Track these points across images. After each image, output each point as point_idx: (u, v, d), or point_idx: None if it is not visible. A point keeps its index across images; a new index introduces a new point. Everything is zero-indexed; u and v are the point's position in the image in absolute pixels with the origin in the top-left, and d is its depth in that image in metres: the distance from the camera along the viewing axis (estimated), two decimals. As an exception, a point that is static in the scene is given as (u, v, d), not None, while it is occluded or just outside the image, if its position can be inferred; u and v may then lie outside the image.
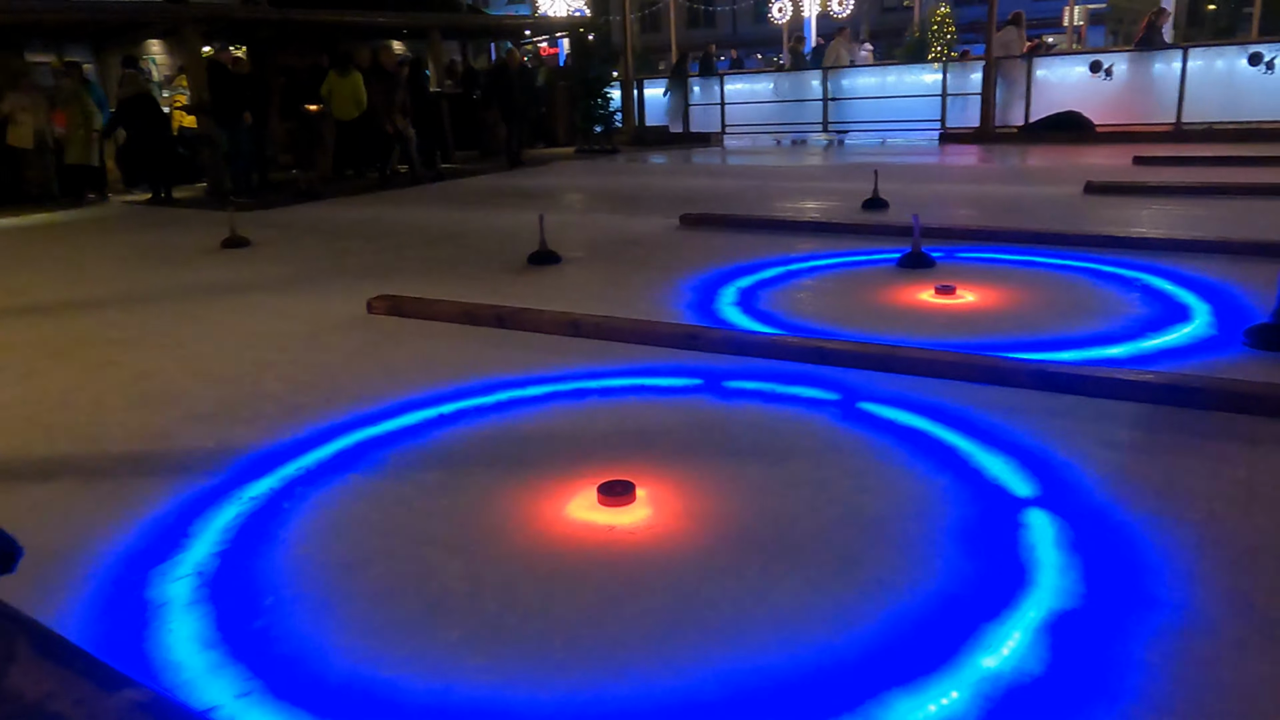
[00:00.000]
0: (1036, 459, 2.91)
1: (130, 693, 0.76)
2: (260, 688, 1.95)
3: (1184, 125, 12.86)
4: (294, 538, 2.62)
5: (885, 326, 4.46)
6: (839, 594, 2.20)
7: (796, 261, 6.09)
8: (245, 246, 7.83)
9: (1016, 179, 10.45)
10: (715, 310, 4.98)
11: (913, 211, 5.92)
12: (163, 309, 5.74)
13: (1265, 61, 12.37)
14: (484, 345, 4.52)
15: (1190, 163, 9.91)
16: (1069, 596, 2.14)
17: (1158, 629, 2.01)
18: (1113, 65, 13.63)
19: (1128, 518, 2.51)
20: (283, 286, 6.25)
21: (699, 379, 3.84)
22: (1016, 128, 13.98)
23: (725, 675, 1.91)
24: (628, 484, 2.71)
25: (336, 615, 2.22)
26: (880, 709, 1.79)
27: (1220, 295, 4.69)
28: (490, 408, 3.62)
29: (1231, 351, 3.87)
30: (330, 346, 4.68)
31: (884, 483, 2.81)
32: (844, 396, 3.54)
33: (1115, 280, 5.15)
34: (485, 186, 11.90)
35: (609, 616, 2.16)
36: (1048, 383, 3.51)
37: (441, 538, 2.58)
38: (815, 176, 11.98)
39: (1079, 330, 4.27)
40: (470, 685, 1.93)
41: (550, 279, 6.08)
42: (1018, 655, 1.94)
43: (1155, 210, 7.42)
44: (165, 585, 2.39)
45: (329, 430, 3.43)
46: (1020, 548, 2.38)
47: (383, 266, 6.76)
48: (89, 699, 0.76)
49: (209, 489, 2.96)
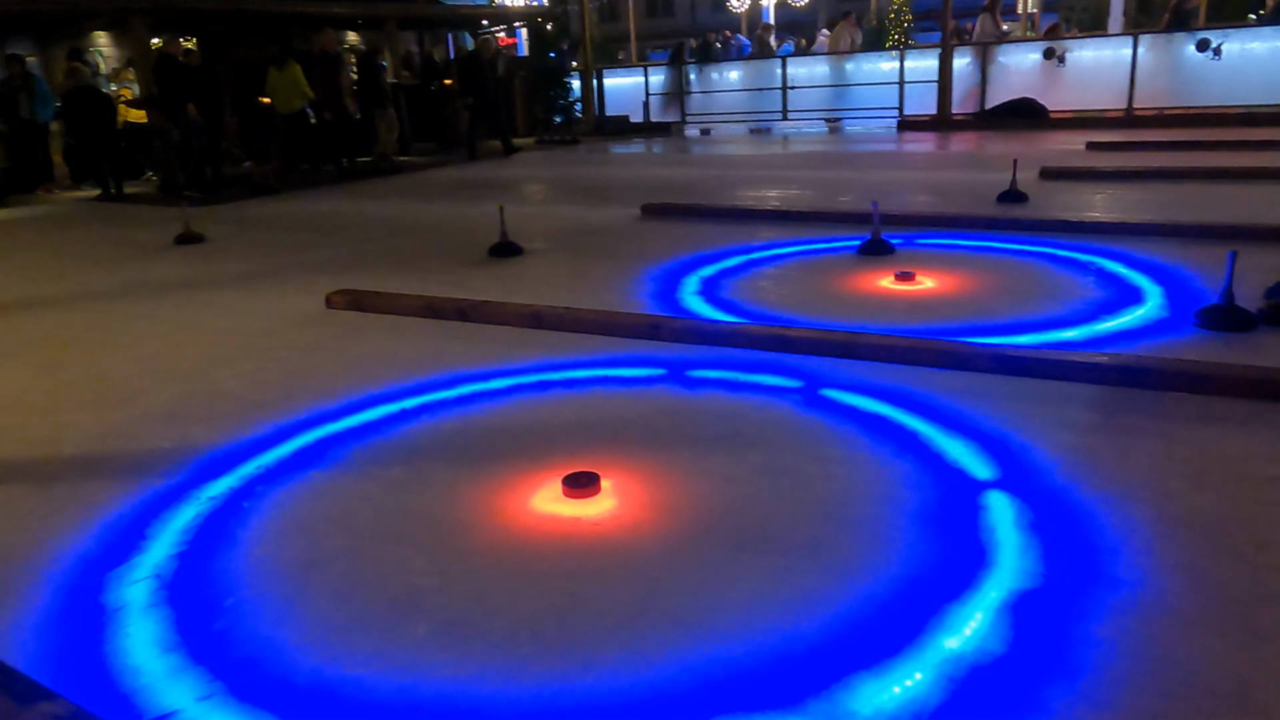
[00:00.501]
0: (996, 442, 2.95)
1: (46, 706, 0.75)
2: (222, 690, 1.92)
3: (1135, 111, 13.09)
4: (254, 537, 2.58)
5: (847, 313, 4.50)
6: (804, 580, 2.22)
7: (758, 250, 6.11)
8: (199, 242, 7.69)
9: (973, 165, 10.57)
10: (678, 300, 4.99)
11: (872, 199, 5.97)
12: (115, 307, 5.62)
13: (1212, 48, 12.61)
14: (446, 338, 4.49)
15: (1142, 148, 10.10)
16: (1028, 576, 2.18)
17: (1114, 606, 2.05)
18: (1066, 52, 13.82)
19: (1085, 498, 2.55)
20: (239, 282, 6.15)
21: (662, 369, 3.84)
22: (973, 114, 14.14)
23: (692, 664, 1.92)
24: (592, 475, 2.71)
25: (299, 614, 2.19)
26: (845, 693, 1.81)
27: (1171, 278, 4.79)
28: (453, 401, 3.59)
29: (1183, 332, 3.95)
30: (289, 343, 4.61)
31: (847, 469, 2.84)
32: (807, 384, 3.56)
33: (1070, 264, 5.23)
34: (445, 178, 11.80)
35: (575, 609, 2.15)
36: (1006, 366, 3.56)
37: (405, 533, 2.56)
38: (774, 165, 12.03)
39: (1036, 314, 4.33)
40: (437, 681, 1.91)
41: (512, 271, 6.04)
42: (979, 635, 1.97)
43: (1108, 195, 7.54)
44: (123, 588, 2.34)
45: (289, 428, 3.39)
46: (981, 529, 2.42)
47: (341, 261, 6.68)
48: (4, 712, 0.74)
49: (166, 490, 2.91)
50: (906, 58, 15.06)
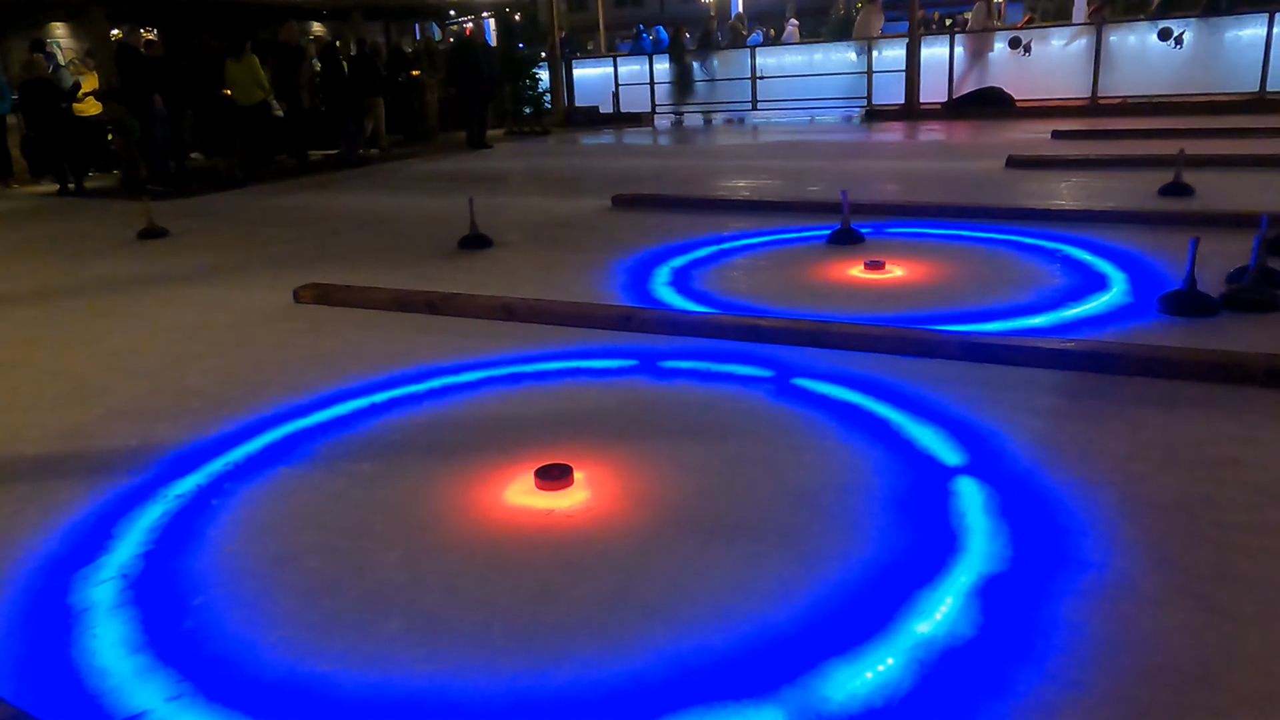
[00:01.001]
0: (965, 428, 2.98)
1: None
2: (191, 690, 1.90)
3: (1099, 99, 13.25)
4: (223, 535, 2.55)
5: (817, 302, 4.52)
6: (777, 568, 2.23)
7: (728, 240, 6.12)
8: (163, 237, 7.57)
9: (941, 154, 10.66)
10: (649, 291, 4.98)
11: (841, 188, 5.99)
12: (78, 304, 5.53)
13: (1174, 36, 12.79)
14: (416, 332, 4.45)
15: (1106, 136, 10.22)
16: (998, 560, 2.21)
17: (1081, 588, 2.08)
18: (1032, 41, 13.95)
19: (1052, 482, 2.59)
20: (204, 277, 6.06)
21: (634, 360, 3.84)
22: (940, 104, 14.24)
23: (667, 654, 1.93)
24: (565, 467, 2.70)
25: (270, 612, 2.17)
26: (819, 680, 1.82)
27: (1136, 264, 4.86)
28: (423, 395, 3.57)
29: (1147, 318, 4.01)
30: (256, 338, 4.56)
31: (819, 457, 2.85)
32: (778, 373, 3.57)
33: (1037, 252, 5.29)
34: (415, 171, 11.69)
35: (549, 601, 2.15)
36: (974, 353, 3.60)
37: (377, 528, 2.54)
38: (744, 155, 12.05)
39: (1003, 302, 4.37)
40: (411, 676, 1.90)
41: (482, 263, 6.01)
42: (950, 619, 1.99)
43: (1074, 183, 7.63)
44: (89, 589, 2.31)
45: (257, 424, 3.35)
46: (951, 515, 2.44)
47: (309, 254, 6.61)
48: None
49: (132, 488, 2.86)
50: (874, 48, 15.13)
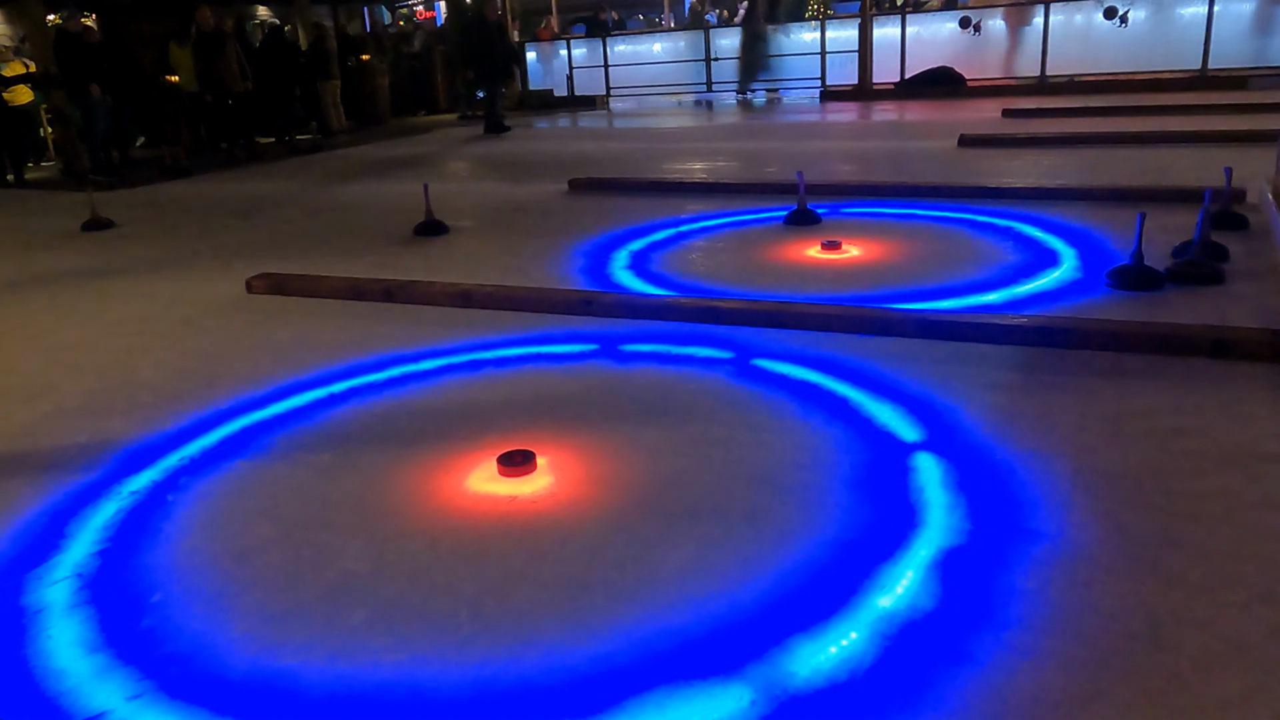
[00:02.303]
0: (922, 404, 3.02)
1: None
2: (152, 688, 1.87)
3: (1048, 78, 13.44)
4: (180, 531, 2.51)
5: (775, 283, 4.54)
6: (741, 547, 2.25)
7: (686, 223, 6.13)
8: (109, 228, 7.38)
9: (894, 134, 10.75)
10: (608, 274, 4.98)
11: (797, 169, 6.02)
12: (20, 297, 5.38)
13: (1119, 15, 13.00)
14: (372, 320, 4.40)
15: (1054, 114, 10.38)
16: (956, 534, 2.25)
17: (1036, 558, 2.13)
18: (981, 21, 14.09)
19: (1007, 455, 2.64)
20: (153, 269, 5.93)
21: (594, 344, 3.84)
22: (893, 84, 14.34)
23: (634, 636, 1.94)
24: (528, 453, 2.70)
25: (231, 607, 2.14)
26: (784, 656, 1.84)
27: (1085, 240, 4.95)
28: (382, 384, 3.54)
29: (1096, 293, 4.10)
30: (209, 330, 4.47)
31: (779, 436, 2.88)
32: (738, 354, 3.59)
33: (989, 230, 5.37)
34: (365, 157, 11.52)
35: (515, 587, 2.15)
36: (929, 331, 3.65)
37: (338, 520, 2.52)
38: (699, 137, 12.04)
39: (957, 279, 4.44)
40: (376, 667, 1.89)
41: (439, 250, 5.95)
42: (910, 593, 2.02)
43: (1024, 161, 7.75)
44: (43, 589, 2.26)
45: (212, 417, 3.29)
46: (910, 490, 2.48)
47: (261, 244, 6.49)
48: None
49: (85, 486, 2.80)
50: (828, 28, 15.18)
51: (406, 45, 17.44)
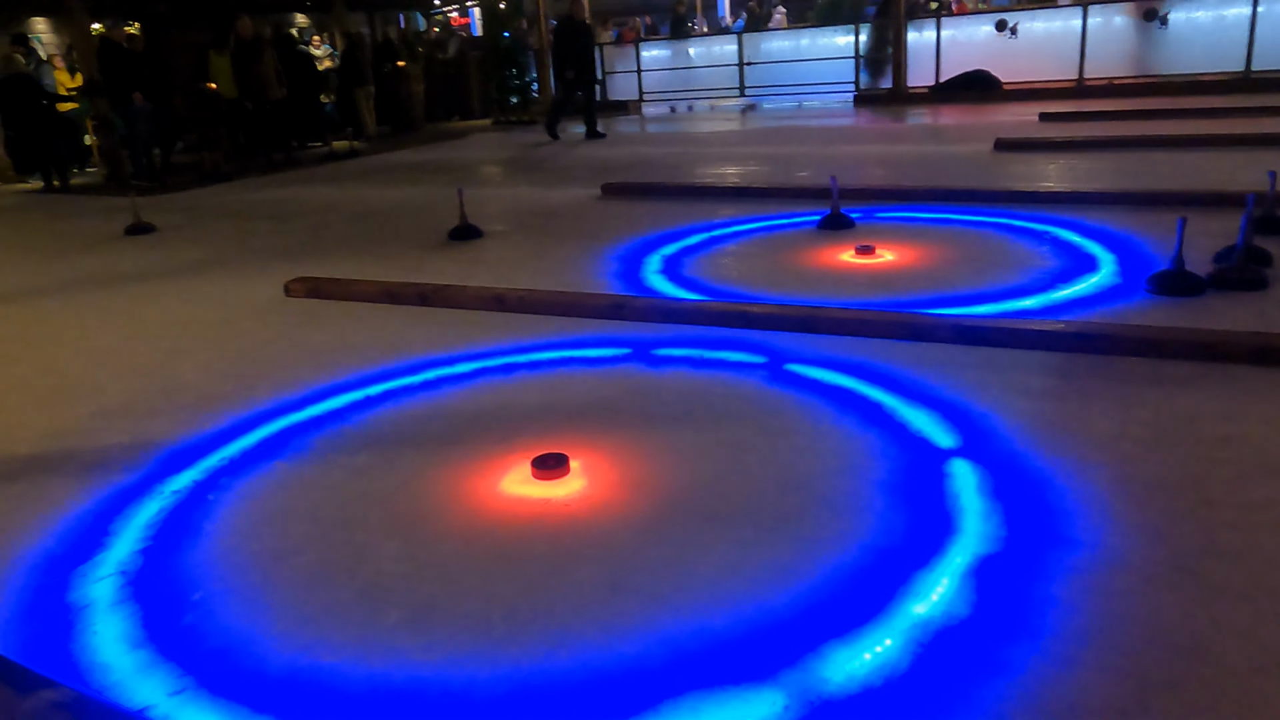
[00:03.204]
0: (957, 411, 3.00)
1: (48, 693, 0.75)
2: (193, 684, 1.91)
3: (1086, 81, 13.26)
4: (220, 530, 2.55)
5: (809, 288, 4.53)
6: (775, 553, 2.24)
7: (719, 227, 6.12)
8: (150, 232, 7.53)
9: (929, 138, 10.67)
10: (641, 279, 4.99)
11: (830, 174, 6.00)
12: (66, 301, 5.50)
13: (1159, 16, 12.80)
14: (407, 324, 4.45)
15: (1093, 117, 10.24)
16: (992, 541, 2.23)
17: (1074, 567, 2.10)
18: (1018, 24, 13.94)
19: (1044, 462, 2.61)
20: (194, 272, 6.04)
21: (627, 348, 3.85)
22: (928, 88, 14.23)
23: (666, 639, 1.94)
24: (561, 456, 2.71)
25: (269, 606, 2.17)
26: (818, 662, 1.84)
27: (1124, 245, 4.88)
28: (417, 387, 3.57)
29: (1136, 298, 4.04)
30: (248, 332, 4.54)
31: (813, 442, 2.87)
32: (771, 359, 3.58)
33: (1026, 234, 5.31)
34: (400, 162, 11.64)
35: (548, 589, 2.16)
36: (965, 336, 3.62)
37: (374, 521, 2.55)
38: (733, 142, 12.02)
39: (993, 284, 4.39)
40: (411, 667, 1.92)
41: (472, 254, 6.00)
42: (946, 600, 2.01)
43: (1061, 165, 7.65)
44: (88, 586, 2.31)
45: (251, 418, 3.34)
46: (945, 497, 2.46)
47: (298, 248, 6.58)
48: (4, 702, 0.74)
49: (128, 485, 2.86)
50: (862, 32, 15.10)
51: (440, 51, 17.60)
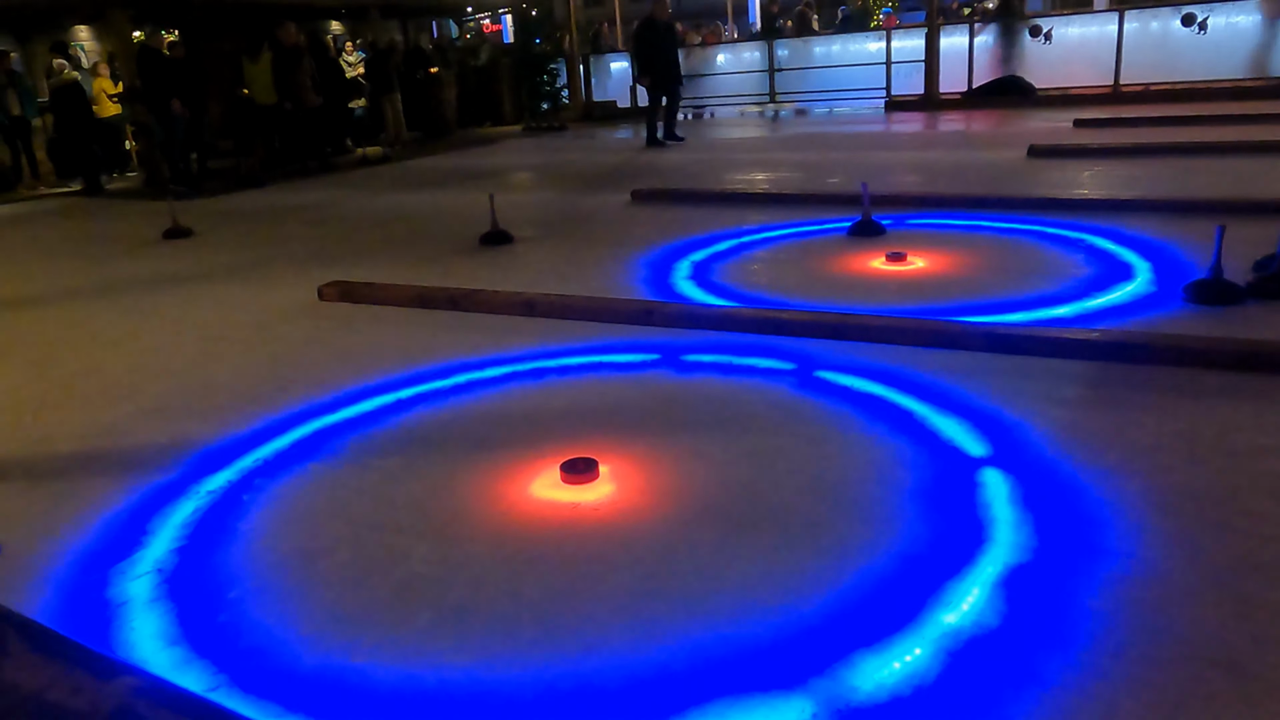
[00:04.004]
0: (989, 419, 2.97)
1: (127, 679, 0.77)
2: (227, 681, 1.94)
3: (1122, 87, 13.10)
4: (254, 530, 2.59)
5: (839, 295, 4.51)
6: (803, 560, 2.24)
7: (749, 233, 6.12)
8: (187, 236, 7.65)
9: (962, 144, 10.57)
10: (670, 284, 4.99)
11: (861, 180, 5.97)
12: (104, 303, 5.60)
13: (1198, 22, 12.63)
14: (439, 328, 4.49)
15: (1128, 124, 10.11)
16: (1024, 551, 2.21)
17: (1108, 578, 2.07)
18: (1052, 29, 13.80)
19: (1077, 472, 2.58)
20: (229, 276, 6.13)
21: (656, 354, 3.85)
22: (960, 94, 14.13)
23: (694, 645, 1.94)
24: (590, 461, 2.72)
25: (302, 605, 2.20)
26: (847, 669, 1.83)
27: (1160, 253, 4.81)
28: (448, 390, 3.60)
29: (1172, 307, 3.98)
30: (282, 335, 4.60)
31: (843, 449, 2.86)
32: (801, 366, 3.57)
33: (1059, 241, 5.26)
34: (432, 167, 11.73)
35: (577, 593, 2.17)
36: (998, 344, 3.58)
37: (405, 523, 2.57)
38: (763, 148, 12.00)
39: (1026, 292, 4.35)
40: (441, 668, 1.93)
41: (503, 259, 6.04)
42: (976, 610, 1.99)
43: (1096, 172, 7.56)
44: (125, 583, 2.35)
45: (285, 420, 3.39)
46: (976, 506, 2.44)
47: (331, 252, 6.66)
48: (87, 687, 0.76)
49: (165, 485, 2.91)
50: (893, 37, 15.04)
51: (473, 58, 17.74)
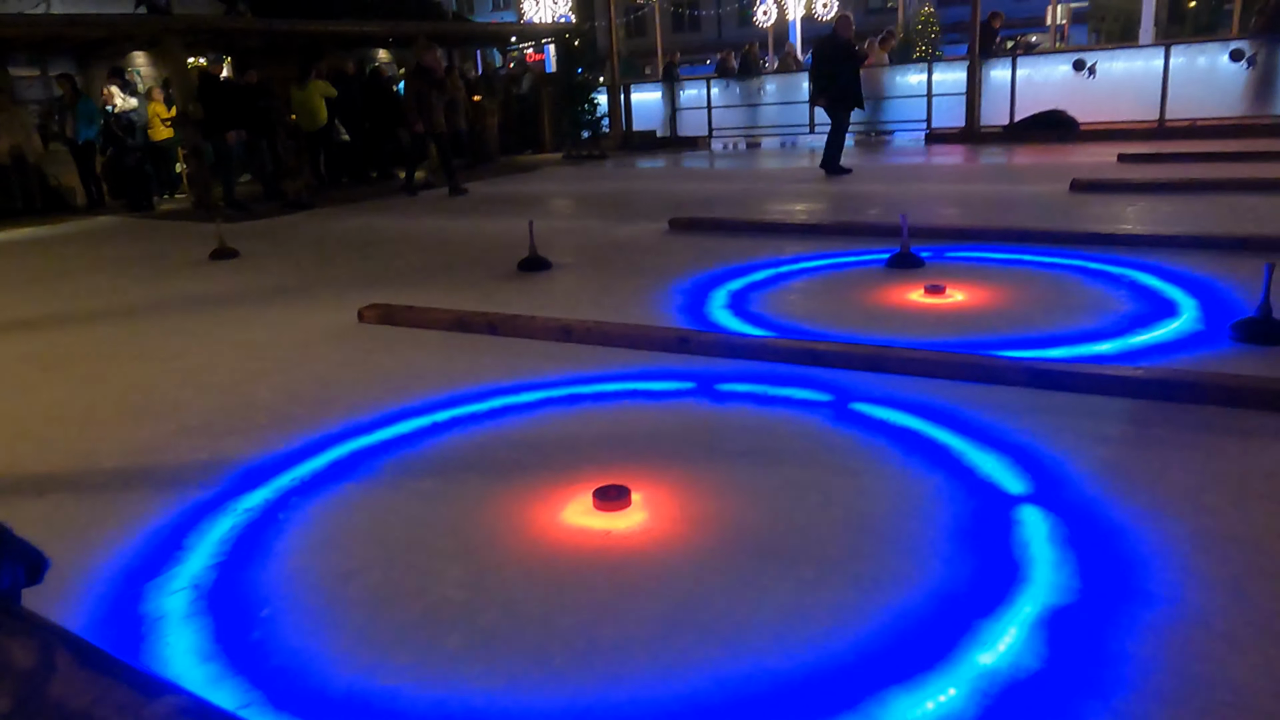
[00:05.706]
0: (1028, 456, 2.92)
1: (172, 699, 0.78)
2: (260, 699, 1.95)
3: (1167, 122, 12.96)
4: (289, 549, 2.61)
5: (876, 327, 4.48)
6: (836, 594, 2.21)
7: (786, 264, 6.11)
8: (234, 258, 7.81)
9: (1003, 178, 10.51)
10: (706, 313, 5.00)
11: (900, 212, 5.95)
12: (152, 322, 5.73)
13: (1246, 56, 12.47)
14: (476, 352, 4.52)
15: (1174, 159, 9.98)
16: (1063, 592, 2.16)
17: (1150, 622, 2.02)
18: (1096, 63, 13.72)
19: (1119, 512, 2.53)
20: (273, 297, 6.24)
21: (692, 382, 3.85)
22: (1002, 127, 14.06)
23: (724, 677, 1.92)
24: (623, 489, 2.72)
25: (335, 625, 2.22)
26: (879, 707, 1.80)
27: (1207, 290, 4.73)
28: (484, 415, 3.62)
29: (1219, 346, 3.90)
30: (322, 356, 4.67)
31: (878, 483, 2.83)
32: (836, 397, 3.55)
33: (1102, 277, 5.19)
34: (473, 193, 11.88)
35: (607, 621, 2.16)
36: (1038, 380, 3.53)
37: (438, 545, 2.59)
38: (801, 178, 12.01)
39: (1068, 327, 4.29)
40: (470, 693, 1.93)
41: (541, 285, 6.08)
42: (1014, 651, 1.95)
43: (1140, 207, 7.47)
44: (162, 599, 2.38)
45: (323, 440, 3.43)
46: (1014, 544, 2.40)
47: (373, 275, 6.76)
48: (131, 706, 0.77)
49: (203, 501, 2.95)
50: (935, 70, 15.03)
51: (516, 87, 18.01)
